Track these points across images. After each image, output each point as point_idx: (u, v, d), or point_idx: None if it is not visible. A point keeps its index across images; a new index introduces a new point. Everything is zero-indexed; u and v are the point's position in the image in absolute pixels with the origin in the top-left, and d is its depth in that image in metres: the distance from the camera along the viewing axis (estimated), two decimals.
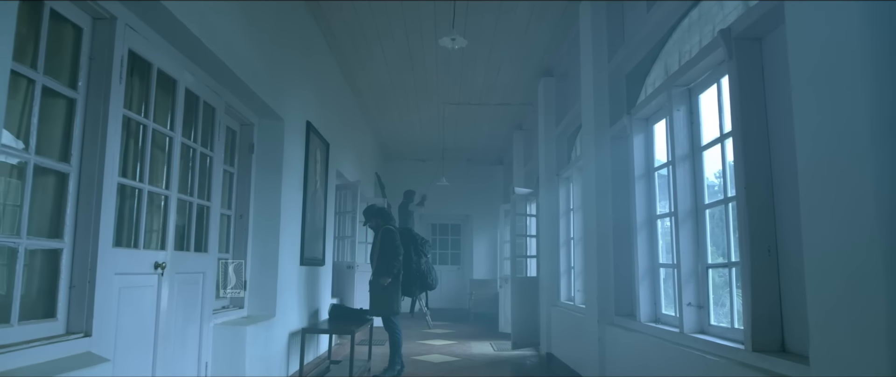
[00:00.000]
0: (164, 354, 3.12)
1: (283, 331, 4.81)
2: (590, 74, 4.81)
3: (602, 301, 4.50)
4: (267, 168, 4.68)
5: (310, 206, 5.60)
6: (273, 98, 4.51)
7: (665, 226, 3.94)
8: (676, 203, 3.34)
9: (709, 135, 3.30)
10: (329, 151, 6.44)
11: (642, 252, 3.98)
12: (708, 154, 3.29)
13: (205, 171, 3.74)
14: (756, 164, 2.61)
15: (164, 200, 3.21)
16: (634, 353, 3.84)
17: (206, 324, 3.66)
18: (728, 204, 2.98)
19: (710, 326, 3.17)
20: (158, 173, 3.19)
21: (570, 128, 6.52)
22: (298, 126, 5.23)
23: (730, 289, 2.94)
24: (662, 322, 3.79)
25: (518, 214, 7.85)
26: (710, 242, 3.24)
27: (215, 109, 3.81)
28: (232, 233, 4.45)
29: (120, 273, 2.72)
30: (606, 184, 4.57)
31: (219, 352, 3.79)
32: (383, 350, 7.32)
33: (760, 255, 2.55)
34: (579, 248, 6.01)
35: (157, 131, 3.11)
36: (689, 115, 3.40)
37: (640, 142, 4.12)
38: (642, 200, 4.04)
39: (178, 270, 3.31)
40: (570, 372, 5.65)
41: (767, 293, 2.53)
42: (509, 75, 7.36)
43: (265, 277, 4.56)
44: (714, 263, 3.21)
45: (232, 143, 4.49)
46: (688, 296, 3.25)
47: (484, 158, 12.72)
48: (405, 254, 5.70)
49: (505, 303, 9.34)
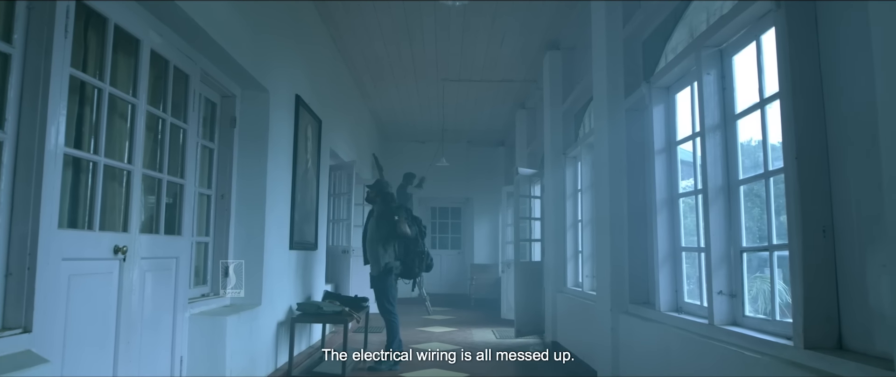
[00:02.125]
0: (128, 350, 2.76)
1: (271, 320, 4.46)
2: (602, 41, 4.41)
3: (615, 288, 4.14)
4: (251, 144, 4.30)
5: (300, 186, 5.23)
6: (257, 67, 4.12)
7: (689, 206, 3.57)
8: (706, 179, 2.96)
9: (743, 102, 2.92)
10: (321, 129, 6.05)
11: (662, 234, 3.62)
12: (742, 123, 2.91)
13: (177, 144, 3.36)
14: (809, 131, 2.22)
15: (126, 176, 2.83)
16: (653, 346, 3.49)
17: (180, 315, 3.30)
18: (769, 178, 2.61)
19: (744, 318, 2.81)
20: (119, 145, 2.81)
21: (579, 103, 6.12)
22: (286, 99, 4.84)
23: (771, 276, 2.57)
24: (685, 312, 3.43)
25: (522, 196, 7.48)
26: (745, 223, 2.87)
27: (189, 76, 3.42)
28: (212, 215, 4.08)
29: (69, 258, 2.35)
30: (620, 160, 4.19)
31: (196, 345, 3.44)
32: (380, 338, 6.99)
33: (814, 237, 2.18)
34: (588, 231, 5.65)
35: (116, 97, 2.73)
36: (721, 79, 3.01)
37: (660, 113, 3.73)
38: (662, 177, 3.66)
39: (145, 255, 2.94)
40: (577, 361, 5.32)
41: (822, 281, 2.16)
42: (513, 48, 6.94)
43: (250, 263, 4.20)
44: (750, 247, 2.85)
45: (212, 116, 4.10)
46: (718, 283, 2.89)
47: (485, 140, 12.31)
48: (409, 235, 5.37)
49: (507, 289, 9.00)
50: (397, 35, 6.52)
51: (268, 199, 4.34)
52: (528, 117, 8.98)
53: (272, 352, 4.50)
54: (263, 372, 4.30)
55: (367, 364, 5.39)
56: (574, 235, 6.21)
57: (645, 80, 3.81)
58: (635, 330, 3.83)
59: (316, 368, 4.95)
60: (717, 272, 2.90)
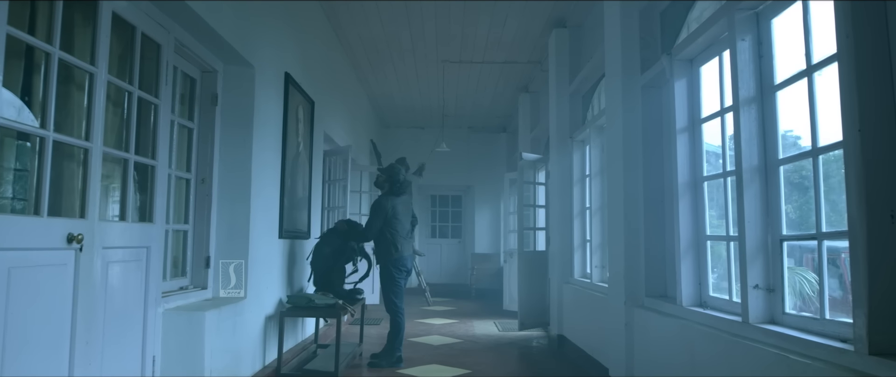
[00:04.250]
0: (88, 352, 2.44)
1: (258, 314, 4.14)
2: (616, 13, 4.06)
3: (630, 279, 3.82)
4: (235, 124, 3.95)
5: (290, 171, 4.89)
6: (241, 40, 3.77)
7: (715, 190, 3.24)
8: (740, 159, 2.62)
9: (783, 71, 2.58)
10: (314, 111, 5.70)
11: (685, 221, 3.28)
12: (782, 95, 2.57)
13: (147, 122, 3.02)
14: (875, 100, 1.89)
15: (84, 155, 2.49)
16: (673, 343, 3.17)
17: (152, 311, 2.98)
18: (817, 157, 2.27)
19: (784, 315, 2.49)
20: (73, 119, 2.47)
21: (587, 83, 5.77)
22: (274, 77, 4.49)
23: (819, 268, 2.25)
24: (710, 307, 3.11)
25: (526, 182, 7.13)
26: (784, 208, 2.53)
27: (161, 47, 3.07)
28: (192, 201, 3.75)
29: (9, 248, 2.03)
30: (636, 142, 3.86)
31: (170, 343, 3.12)
32: (378, 330, 6.69)
33: (880, 223, 1.85)
34: (597, 219, 5.32)
35: (70, 64, 2.39)
36: (757, 46, 2.67)
37: (683, 88, 3.39)
38: (685, 159, 3.33)
39: (110, 244, 2.61)
40: (585, 357, 5.01)
41: (890, 274, 1.84)
42: (516, 27, 6.57)
43: (234, 252, 3.87)
44: (791, 235, 2.52)
45: (191, 94, 3.76)
46: (754, 276, 2.56)
47: (487, 126, 11.95)
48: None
49: (510, 280, 8.70)
50: (395, 13, 6.15)
51: (254, 184, 4.00)
52: (532, 101, 8.63)
53: (259, 349, 4.19)
54: (249, 370, 3.99)
55: (366, 360, 5.09)
56: (581, 223, 5.89)
57: (665, 53, 3.47)
58: (652, 325, 3.51)
59: (307, 365, 4.64)
60: (752, 263, 2.57)
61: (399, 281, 5.01)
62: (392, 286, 5.00)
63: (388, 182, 5.16)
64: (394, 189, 5.15)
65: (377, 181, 5.30)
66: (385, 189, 5.18)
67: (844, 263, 2.91)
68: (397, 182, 5.16)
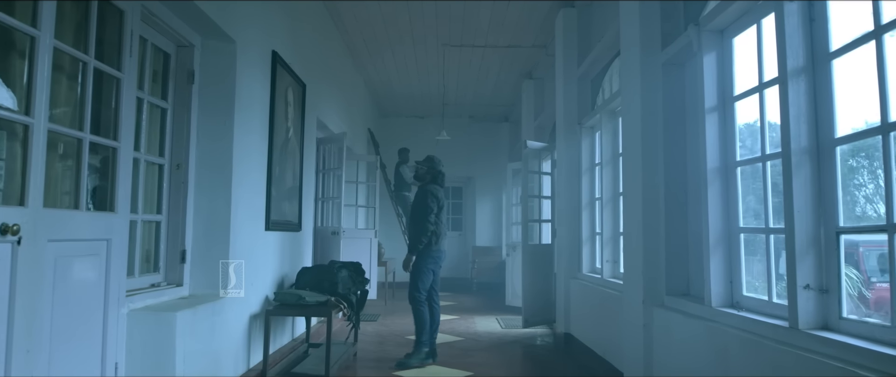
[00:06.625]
0: (29, 361, 2.09)
1: (241, 313, 3.80)
2: None
3: (649, 276, 3.47)
4: (214, 104, 3.60)
5: (278, 158, 4.53)
6: (220, 12, 3.41)
7: (752, 175, 2.88)
8: (788, 139, 2.27)
9: (839, 37, 2.22)
10: (306, 94, 5.34)
11: (714, 211, 2.93)
12: (838, 64, 2.21)
13: (108, 98, 2.66)
14: None
15: (23, 132, 2.14)
16: (702, 349, 2.82)
17: (114, 311, 2.62)
18: (888, 134, 1.91)
19: (841, 321, 2.13)
20: (11, 89, 2.11)
21: (597, 65, 5.40)
22: (259, 54, 4.12)
23: (891, 266, 1.89)
24: (744, 308, 2.76)
25: (530, 172, 6.78)
26: (841, 196, 2.18)
27: (124, 13, 2.71)
28: (166, 189, 3.40)
29: None
30: (656, 125, 3.50)
31: (136, 347, 2.78)
32: (374, 327, 6.36)
33: None
34: (608, 210, 4.96)
35: (5, 25, 2.02)
36: (808, 8, 2.31)
37: (712, 62, 3.02)
38: (714, 141, 2.97)
39: (57, 237, 2.26)
40: (596, 358, 4.67)
41: None
42: (520, 8, 6.19)
43: (212, 245, 3.52)
44: (851, 227, 2.16)
45: (164, 70, 3.40)
46: (805, 275, 2.21)
47: (488, 115, 11.57)
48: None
49: (513, 274, 8.36)
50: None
51: (235, 171, 3.65)
52: (536, 88, 8.25)
53: (243, 350, 3.84)
54: (231, 373, 3.65)
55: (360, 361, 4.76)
56: (590, 215, 5.54)
57: (692, 24, 3.10)
58: (675, 327, 3.16)
59: (296, 367, 4.29)
60: (802, 260, 2.21)
61: (431, 273, 4.85)
62: (420, 276, 4.80)
63: (430, 173, 5.01)
64: (437, 180, 5.00)
65: (417, 173, 5.14)
66: (426, 180, 5.01)
67: None
68: (440, 173, 5.03)
